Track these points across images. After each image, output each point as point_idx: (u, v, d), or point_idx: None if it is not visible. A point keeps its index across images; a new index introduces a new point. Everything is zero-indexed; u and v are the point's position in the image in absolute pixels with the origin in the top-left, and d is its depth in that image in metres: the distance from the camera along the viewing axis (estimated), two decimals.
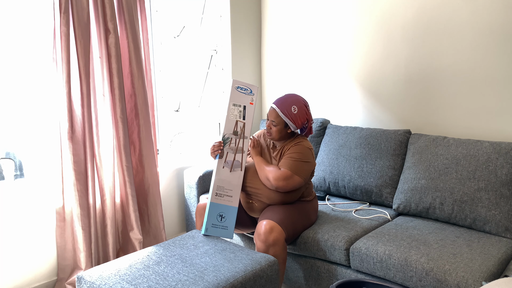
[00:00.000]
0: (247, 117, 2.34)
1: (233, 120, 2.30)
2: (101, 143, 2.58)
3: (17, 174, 2.46)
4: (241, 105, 2.33)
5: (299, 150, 2.25)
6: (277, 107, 2.28)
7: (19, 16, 2.33)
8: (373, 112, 2.97)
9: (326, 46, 3.15)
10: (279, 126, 2.28)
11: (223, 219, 2.22)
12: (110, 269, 1.84)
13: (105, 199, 2.61)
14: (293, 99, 2.29)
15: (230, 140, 2.29)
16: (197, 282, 1.73)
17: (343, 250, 2.14)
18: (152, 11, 2.88)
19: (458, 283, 1.77)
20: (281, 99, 2.30)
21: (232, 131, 2.30)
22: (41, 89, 2.44)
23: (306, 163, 2.24)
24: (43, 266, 2.50)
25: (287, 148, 2.30)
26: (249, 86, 2.37)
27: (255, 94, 2.37)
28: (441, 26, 2.61)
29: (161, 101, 3.02)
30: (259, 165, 2.27)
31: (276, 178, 2.18)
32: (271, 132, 2.32)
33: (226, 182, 2.25)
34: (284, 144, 2.34)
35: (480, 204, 2.18)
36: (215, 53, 3.36)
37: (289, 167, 2.20)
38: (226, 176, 2.25)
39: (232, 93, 2.32)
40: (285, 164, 2.22)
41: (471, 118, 2.57)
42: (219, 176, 2.24)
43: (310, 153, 2.28)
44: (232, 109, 2.31)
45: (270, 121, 2.30)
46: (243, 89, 2.33)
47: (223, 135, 2.28)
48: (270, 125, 2.31)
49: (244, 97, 2.34)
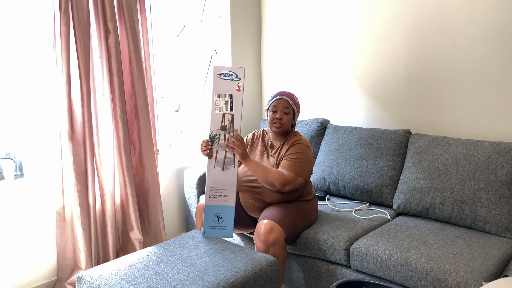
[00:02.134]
0: (235, 107, 2.10)
1: (219, 114, 2.10)
2: (101, 143, 2.58)
3: (17, 174, 2.47)
4: (226, 95, 2.09)
5: (300, 150, 2.25)
6: (286, 96, 2.31)
7: (19, 16, 2.33)
8: (373, 112, 2.97)
9: (326, 46, 3.15)
10: (290, 115, 2.30)
11: (221, 220, 2.17)
12: (110, 269, 1.84)
13: (105, 199, 2.61)
14: (289, 92, 2.38)
15: (219, 136, 2.12)
16: (197, 282, 1.73)
17: (343, 250, 2.14)
18: (152, 11, 2.88)
19: (458, 283, 1.77)
20: (281, 92, 2.35)
21: (219, 126, 2.11)
22: (41, 89, 2.44)
23: (308, 162, 2.25)
24: (43, 266, 2.50)
25: (286, 146, 2.30)
26: (234, 70, 2.10)
27: (241, 78, 2.11)
28: (441, 26, 2.61)
29: (161, 101, 3.02)
30: (258, 171, 2.19)
31: (283, 183, 2.17)
32: (282, 122, 2.28)
33: (220, 182, 2.15)
34: (283, 141, 2.34)
35: (480, 204, 2.18)
36: (215, 53, 3.36)
37: (292, 169, 2.20)
38: (218, 176, 2.15)
39: (214, 82, 2.08)
40: (288, 166, 2.21)
41: (471, 118, 2.57)
42: (211, 177, 2.15)
43: (310, 151, 2.29)
44: (217, 101, 2.09)
45: (282, 111, 2.28)
46: (226, 75, 2.08)
47: (210, 132, 2.13)
48: (281, 115, 2.28)
49: (229, 84, 2.09)
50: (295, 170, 2.20)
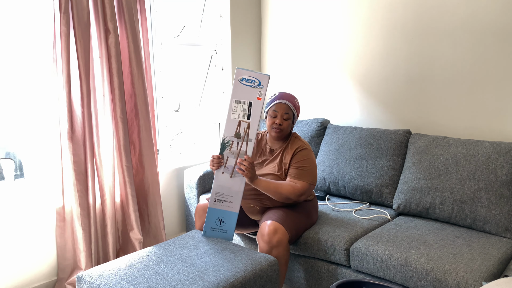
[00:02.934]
0: (253, 115, 1.96)
1: (235, 121, 1.99)
2: (101, 143, 2.58)
3: (17, 174, 2.46)
4: (245, 102, 1.94)
5: (307, 156, 2.24)
6: (287, 100, 2.24)
7: (19, 16, 2.33)
8: (373, 112, 2.97)
9: (326, 46, 3.15)
10: (290, 120, 2.25)
11: (222, 223, 2.14)
12: (110, 269, 1.84)
13: (105, 199, 2.61)
14: (290, 93, 2.32)
15: (231, 143, 2.02)
16: (197, 282, 1.73)
17: (343, 250, 2.14)
18: (152, 11, 2.88)
19: (458, 283, 1.77)
20: (282, 95, 2.28)
21: (234, 133, 2.00)
22: (41, 89, 2.44)
23: (315, 168, 2.26)
24: (43, 266, 2.50)
25: (289, 152, 2.26)
26: (257, 77, 1.94)
27: (264, 86, 1.95)
28: (441, 26, 2.61)
29: (161, 101, 3.02)
30: (270, 189, 2.14)
31: (298, 195, 2.17)
32: (282, 128, 2.23)
33: (226, 188, 2.10)
34: (283, 145, 2.31)
35: (480, 204, 2.18)
36: (215, 53, 3.36)
37: (304, 178, 2.20)
38: (225, 182, 2.09)
39: (235, 87, 1.94)
40: (298, 175, 2.20)
41: (471, 118, 2.57)
42: (218, 182, 2.09)
43: (313, 156, 2.29)
44: (235, 107, 1.96)
45: (281, 116, 2.22)
46: (249, 80, 1.92)
47: (222, 138, 2.05)
48: (281, 120, 2.22)
49: (250, 91, 1.93)
50: (307, 179, 2.20)
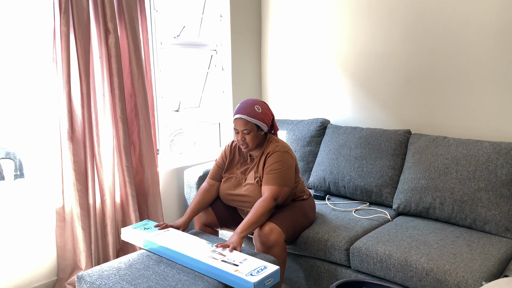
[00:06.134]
0: None
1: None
2: (101, 143, 2.58)
3: (17, 174, 2.47)
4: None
5: (277, 159, 2.16)
6: (242, 114, 2.14)
7: (19, 16, 2.33)
8: (373, 112, 2.97)
9: (326, 46, 3.15)
10: (253, 133, 2.15)
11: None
12: (110, 269, 1.84)
13: (105, 199, 2.61)
14: (251, 101, 2.20)
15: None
16: (197, 282, 1.73)
17: (343, 250, 2.14)
18: (152, 11, 2.88)
19: (458, 283, 1.77)
20: (240, 107, 2.18)
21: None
22: (41, 89, 2.44)
23: (288, 169, 2.17)
24: (43, 266, 2.50)
25: (263, 158, 2.20)
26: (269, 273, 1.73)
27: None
28: (441, 26, 2.61)
29: (161, 101, 3.02)
30: (253, 226, 2.02)
31: (271, 203, 2.08)
32: (246, 143, 2.17)
33: None
34: (261, 151, 2.24)
35: (480, 204, 2.18)
36: (215, 53, 3.36)
37: (275, 182, 2.12)
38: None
39: None
40: (270, 180, 2.13)
41: (471, 118, 2.58)
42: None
43: (289, 156, 2.19)
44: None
45: (241, 132, 2.15)
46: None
47: None
48: (243, 137, 2.16)
49: None
50: (277, 182, 2.13)
